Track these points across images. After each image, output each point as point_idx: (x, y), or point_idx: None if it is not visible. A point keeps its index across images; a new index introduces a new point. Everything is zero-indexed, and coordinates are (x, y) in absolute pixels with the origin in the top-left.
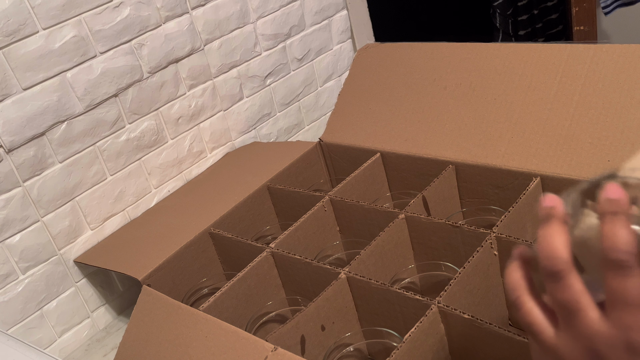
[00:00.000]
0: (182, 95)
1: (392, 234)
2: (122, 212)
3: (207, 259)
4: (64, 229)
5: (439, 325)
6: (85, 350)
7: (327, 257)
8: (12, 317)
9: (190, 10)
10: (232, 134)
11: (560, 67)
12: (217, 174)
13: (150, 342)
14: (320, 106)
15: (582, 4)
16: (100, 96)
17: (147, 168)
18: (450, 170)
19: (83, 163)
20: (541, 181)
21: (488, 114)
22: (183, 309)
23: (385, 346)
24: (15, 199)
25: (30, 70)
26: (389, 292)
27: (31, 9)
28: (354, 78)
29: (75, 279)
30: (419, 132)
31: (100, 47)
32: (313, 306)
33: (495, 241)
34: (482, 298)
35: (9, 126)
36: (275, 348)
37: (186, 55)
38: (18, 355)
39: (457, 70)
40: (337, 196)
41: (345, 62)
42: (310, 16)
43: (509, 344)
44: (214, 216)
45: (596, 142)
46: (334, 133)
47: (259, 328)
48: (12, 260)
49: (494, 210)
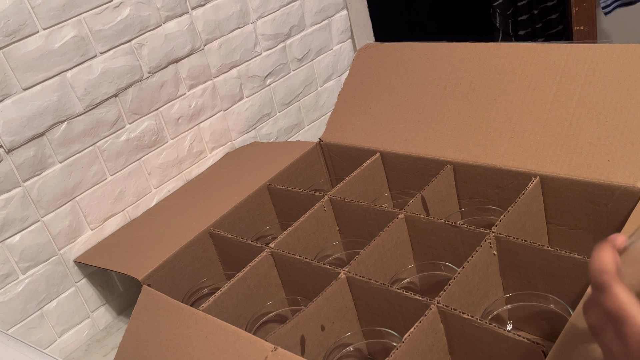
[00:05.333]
0: (182, 95)
1: (391, 234)
2: (122, 212)
3: (207, 259)
4: (64, 229)
5: (438, 325)
6: (85, 350)
7: (327, 257)
8: (12, 317)
9: (190, 10)
10: (232, 134)
11: (560, 67)
12: (217, 174)
13: (150, 342)
14: (320, 106)
15: (582, 4)
16: (100, 96)
17: (147, 168)
18: (449, 170)
19: (83, 163)
20: (540, 181)
21: (488, 114)
22: (183, 309)
23: (385, 346)
24: (15, 199)
25: (30, 70)
26: (389, 292)
27: (31, 9)
28: (354, 78)
29: (75, 279)
30: (419, 132)
31: (100, 47)
32: (313, 306)
33: (495, 241)
34: (482, 298)
35: (9, 126)
36: (275, 348)
37: (186, 55)
38: (18, 355)
39: (457, 70)
40: (336, 196)
41: (345, 62)
42: (310, 16)
43: (509, 343)
44: (214, 216)
45: (596, 142)
46: (334, 133)
47: (259, 328)
48: (12, 260)
49: (493, 210)
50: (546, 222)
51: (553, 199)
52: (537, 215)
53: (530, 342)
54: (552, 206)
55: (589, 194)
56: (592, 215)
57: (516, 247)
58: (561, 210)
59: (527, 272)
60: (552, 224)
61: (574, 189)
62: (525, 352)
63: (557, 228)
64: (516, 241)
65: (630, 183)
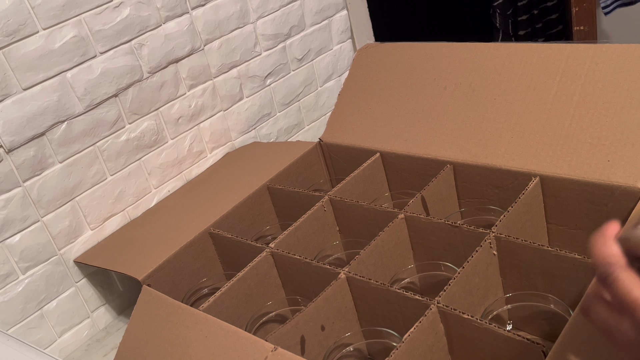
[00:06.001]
0: (182, 95)
1: (391, 234)
2: (122, 212)
3: (207, 259)
4: (64, 229)
5: (438, 325)
6: (85, 350)
7: (327, 257)
8: (12, 317)
9: (190, 10)
10: (232, 134)
11: (560, 67)
12: (217, 174)
13: (150, 342)
14: (320, 106)
15: (582, 4)
16: (100, 96)
17: (147, 168)
18: (448, 170)
19: (83, 163)
20: (540, 181)
21: (488, 114)
22: (183, 309)
23: (385, 346)
24: (15, 199)
25: (30, 70)
26: (389, 292)
27: (31, 9)
28: (354, 78)
29: (75, 279)
30: (419, 132)
31: (100, 47)
32: (313, 306)
33: (495, 241)
34: (482, 298)
35: (9, 126)
36: (275, 348)
37: (186, 55)
38: (18, 355)
39: (457, 70)
40: (336, 196)
41: (345, 62)
42: (310, 16)
43: (508, 343)
44: (214, 216)
45: (596, 142)
46: (334, 133)
47: (259, 328)
48: (12, 260)
49: (493, 210)
50: (546, 222)
51: (553, 199)
52: (537, 215)
53: (530, 342)
54: (552, 206)
55: (589, 194)
56: (592, 215)
57: (516, 247)
58: (561, 210)
59: (527, 272)
60: (552, 224)
61: (574, 189)
62: (525, 352)
63: (557, 228)
64: (516, 241)
65: (630, 183)
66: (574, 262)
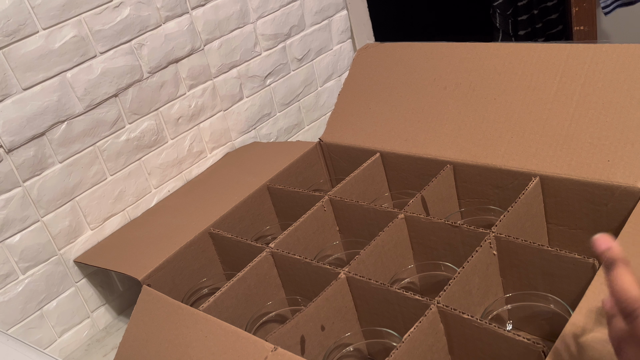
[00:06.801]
0: (182, 95)
1: (391, 234)
2: (122, 212)
3: (207, 259)
4: (64, 229)
5: (438, 325)
6: (85, 350)
7: (327, 257)
8: (12, 317)
9: (190, 10)
10: (232, 134)
11: (560, 67)
12: (217, 174)
13: (150, 342)
14: (320, 106)
15: (582, 4)
16: (100, 96)
17: (147, 168)
18: (448, 170)
19: (83, 163)
20: (540, 181)
21: (488, 114)
22: (183, 309)
23: (385, 346)
24: (15, 199)
25: (30, 70)
26: (389, 292)
27: (31, 9)
28: (354, 78)
29: (75, 279)
30: (419, 132)
31: (100, 47)
32: (313, 306)
33: (495, 241)
34: (482, 298)
35: (9, 126)
36: (275, 348)
37: (186, 55)
38: (18, 355)
39: (457, 70)
40: (336, 196)
41: (345, 62)
42: (310, 16)
43: (508, 343)
44: (214, 216)
45: (596, 142)
46: (334, 133)
47: (259, 328)
48: (12, 260)
49: (493, 210)
50: (546, 222)
51: (553, 199)
52: (537, 215)
53: (530, 342)
54: (552, 206)
55: (588, 194)
56: (592, 215)
57: (516, 247)
58: (561, 210)
59: (527, 272)
60: (552, 224)
61: (574, 189)
62: (525, 352)
63: (557, 228)
64: (516, 241)
65: (630, 183)
66: (574, 262)
